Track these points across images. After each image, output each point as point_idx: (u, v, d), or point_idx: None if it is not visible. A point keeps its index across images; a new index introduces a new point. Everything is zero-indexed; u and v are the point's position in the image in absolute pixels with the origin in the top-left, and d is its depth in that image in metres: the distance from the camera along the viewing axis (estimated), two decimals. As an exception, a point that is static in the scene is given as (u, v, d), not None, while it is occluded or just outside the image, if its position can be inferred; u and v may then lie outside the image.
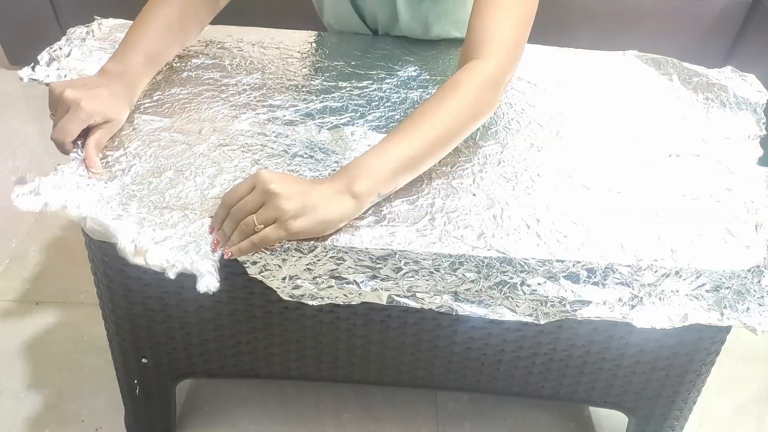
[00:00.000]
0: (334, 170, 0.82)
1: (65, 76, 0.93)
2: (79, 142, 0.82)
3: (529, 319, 0.75)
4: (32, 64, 0.93)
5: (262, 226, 0.69)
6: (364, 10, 1.09)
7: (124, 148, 0.84)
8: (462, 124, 0.78)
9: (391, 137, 0.75)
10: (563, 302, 0.75)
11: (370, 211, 0.76)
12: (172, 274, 0.71)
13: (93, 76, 0.85)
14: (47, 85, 0.91)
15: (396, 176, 0.74)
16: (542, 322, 0.75)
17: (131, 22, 1.08)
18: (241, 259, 0.73)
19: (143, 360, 0.93)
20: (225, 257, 0.71)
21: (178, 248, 0.72)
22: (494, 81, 0.79)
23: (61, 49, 0.97)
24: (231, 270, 0.76)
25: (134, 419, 1.05)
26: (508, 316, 0.75)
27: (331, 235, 0.73)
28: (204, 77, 0.97)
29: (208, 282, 0.70)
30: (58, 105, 0.81)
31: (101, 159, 0.81)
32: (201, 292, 0.70)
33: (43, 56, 0.94)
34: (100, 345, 1.09)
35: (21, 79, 0.91)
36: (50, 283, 1.37)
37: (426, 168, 0.78)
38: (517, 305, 0.75)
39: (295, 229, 0.69)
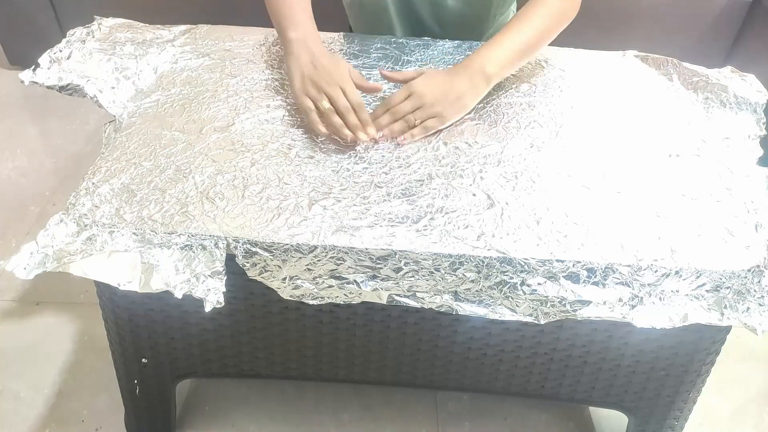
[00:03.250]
0: (335, 170, 0.82)
1: (65, 78, 0.93)
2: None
3: (529, 319, 0.75)
4: (33, 67, 0.93)
5: (420, 121, 0.87)
6: None
7: (125, 147, 0.84)
8: (556, 25, 0.95)
9: (505, 31, 0.92)
10: (563, 302, 0.75)
11: (370, 212, 0.76)
12: (179, 295, 0.71)
13: (297, 53, 0.88)
14: (49, 88, 0.92)
15: (514, 61, 0.93)
16: (542, 322, 0.75)
17: (132, 21, 1.08)
18: (240, 261, 0.73)
19: (143, 360, 0.93)
20: (380, 139, 0.86)
21: (182, 261, 0.72)
22: None
23: (61, 51, 0.97)
24: (231, 270, 0.76)
25: (134, 419, 1.05)
26: (508, 316, 0.75)
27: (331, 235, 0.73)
28: (204, 77, 0.97)
29: (213, 299, 0.71)
30: (321, 99, 0.85)
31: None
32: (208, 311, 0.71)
33: (44, 59, 0.94)
34: (100, 345, 1.09)
35: (22, 81, 0.91)
36: (50, 283, 1.37)
37: (532, 57, 0.98)
38: (517, 305, 0.75)
39: (447, 121, 0.89)
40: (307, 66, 0.87)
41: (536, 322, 0.75)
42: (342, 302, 0.76)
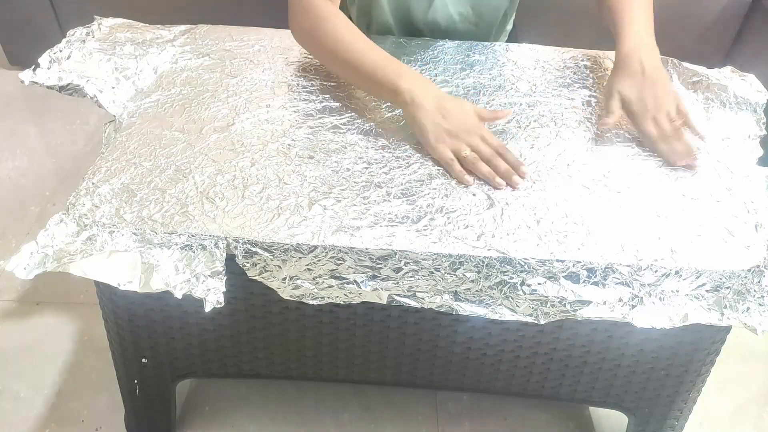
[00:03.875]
0: (335, 170, 0.82)
1: (65, 78, 0.93)
2: None
3: (529, 319, 0.75)
4: (33, 67, 0.93)
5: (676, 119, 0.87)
6: None
7: (125, 147, 0.84)
8: None
9: (621, 16, 0.93)
10: (563, 302, 0.75)
11: (370, 212, 0.76)
12: (178, 295, 0.71)
13: (419, 103, 0.84)
14: (49, 88, 0.92)
15: (651, 26, 0.94)
16: (542, 322, 0.75)
17: (132, 21, 1.08)
18: (240, 261, 0.73)
19: (143, 360, 0.93)
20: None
21: (182, 261, 0.73)
22: None
23: (61, 51, 0.97)
24: (231, 270, 0.76)
25: (134, 419, 1.05)
26: (508, 316, 0.75)
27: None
28: (204, 77, 0.97)
29: (213, 299, 0.71)
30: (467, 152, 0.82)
31: None
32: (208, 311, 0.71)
33: (44, 58, 0.94)
34: (100, 345, 1.09)
35: (22, 81, 0.91)
36: (50, 283, 1.37)
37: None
38: (517, 305, 0.75)
39: (687, 110, 0.89)
40: (435, 115, 0.83)
41: (536, 322, 0.75)
42: (342, 302, 0.76)
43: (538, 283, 0.74)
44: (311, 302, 0.75)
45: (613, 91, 0.89)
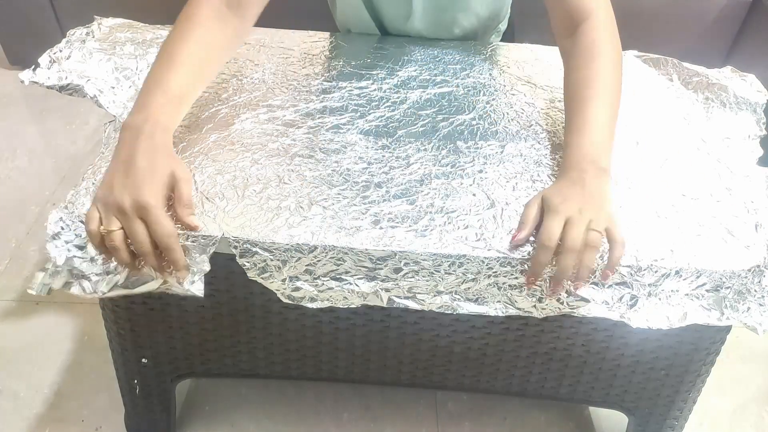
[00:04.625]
0: (335, 170, 0.82)
1: (65, 78, 0.93)
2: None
3: (526, 314, 0.75)
4: (33, 67, 0.93)
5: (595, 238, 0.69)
6: (378, 4, 1.08)
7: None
8: (618, 73, 0.83)
9: (582, 112, 0.78)
10: (563, 302, 0.75)
11: (370, 212, 0.76)
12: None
13: (115, 158, 0.69)
14: (49, 88, 0.91)
15: (611, 139, 0.78)
16: (539, 316, 0.75)
17: (132, 21, 1.08)
18: (240, 261, 0.73)
19: (143, 360, 0.93)
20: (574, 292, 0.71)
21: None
22: (613, 27, 0.84)
23: (61, 51, 0.97)
24: (231, 270, 0.76)
25: (134, 419, 1.05)
26: (505, 311, 0.75)
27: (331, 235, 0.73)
28: (204, 77, 0.97)
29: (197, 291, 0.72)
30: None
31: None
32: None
33: (44, 58, 0.94)
34: (100, 345, 1.09)
35: (22, 81, 0.91)
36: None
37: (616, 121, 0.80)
38: (516, 303, 0.75)
39: (620, 238, 0.70)
40: (125, 164, 0.67)
41: (536, 316, 0.76)
42: (342, 306, 0.75)
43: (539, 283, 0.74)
44: (311, 305, 0.75)
45: (538, 195, 0.74)
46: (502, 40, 1.21)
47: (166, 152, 0.70)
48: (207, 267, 0.74)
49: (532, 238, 0.72)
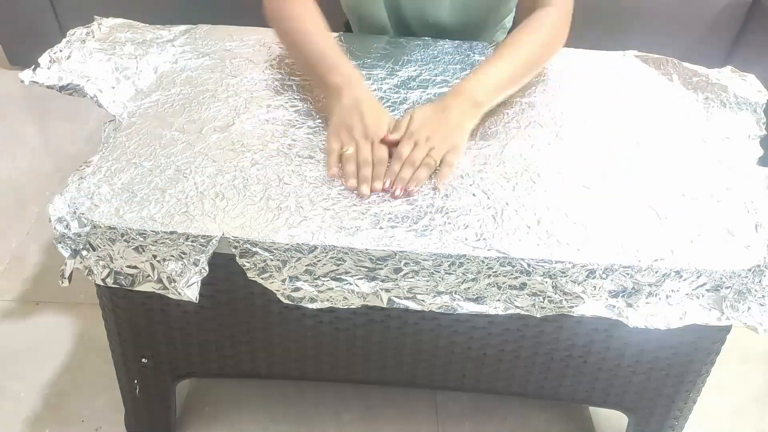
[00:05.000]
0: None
1: (65, 78, 0.93)
2: None
3: (526, 313, 0.75)
4: (33, 67, 0.93)
5: (431, 157, 0.82)
6: None
7: (125, 147, 0.84)
8: (542, 56, 0.97)
9: (492, 60, 0.92)
10: (563, 302, 0.75)
11: (370, 212, 0.76)
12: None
13: (338, 98, 0.86)
14: (49, 88, 0.92)
15: (501, 90, 0.91)
16: (538, 316, 0.75)
17: (132, 21, 1.08)
18: (240, 261, 0.73)
19: (143, 360, 0.93)
20: (399, 194, 0.79)
21: (180, 261, 0.73)
22: (565, 22, 0.98)
23: (61, 51, 0.97)
24: (231, 270, 0.76)
25: (134, 419, 1.05)
26: (504, 310, 0.75)
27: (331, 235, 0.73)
28: (204, 77, 0.97)
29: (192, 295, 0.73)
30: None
31: None
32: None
33: (44, 58, 0.94)
34: (100, 345, 1.09)
35: (22, 81, 0.91)
36: (50, 283, 1.37)
37: (517, 88, 0.94)
38: (516, 303, 0.75)
39: (458, 150, 0.84)
40: (347, 111, 0.85)
41: (535, 316, 0.76)
42: (342, 306, 0.75)
43: (539, 283, 0.74)
44: (311, 306, 0.75)
45: (411, 111, 0.87)
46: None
47: (372, 98, 0.89)
48: (205, 271, 0.74)
49: None
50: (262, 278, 0.75)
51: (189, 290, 0.74)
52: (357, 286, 0.74)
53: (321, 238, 0.73)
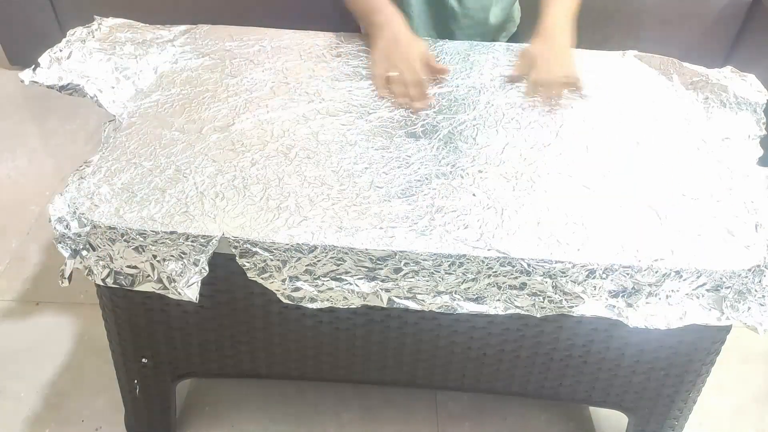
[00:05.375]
0: (335, 170, 0.82)
1: (65, 77, 0.93)
2: None
3: (526, 313, 0.75)
4: (33, 67, 0.93)
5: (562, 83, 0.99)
6: None
7: (125, 147, 0.84)
8: None
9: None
10: (563, 302, 0.75)
11: (370, 212, 0.76)
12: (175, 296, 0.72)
13: (381, 32, 1.00)
14: (49, 87, 0.92)
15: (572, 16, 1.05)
16: (538, 316, 0.75)
17: (132, 21, 1.08)
18: (240, 261, 0.73)
19: (143, 360, 0.93)
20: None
21: (180, 261, 0.73)
22: None
23: (61, 50, 0.97)
24: (231, 270, 0.76)
25: (134, 419, 1.05)
26: (504, 310, 0.75)
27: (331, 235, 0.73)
28: (204, 77, 0.97)
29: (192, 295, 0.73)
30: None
31: None
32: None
33: (44, 58, 0.94)
34: (100, 345, 1.09)
35: (22, 81, 0.91)
36: (50, 283, 1.37)
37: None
38: (516, 303, 0.75)
39: (579, 82, 0.99)
40: (389, 42, 0.98)
41: (534, 315, 0.76)
42: (342, 306, 0.75)
43: (539, 283, 0.74)
44: (310, 305, 0.75)
45: (526, 52, 1.02)
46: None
47: (410, 34, 1.00)
48: (205, 271, 0.74)
49: None
50: (262, 278, 0.75)
51: (189, 290, 0.74)
52: (357, 286, 0.74)
53: (321, 238, 0.73)
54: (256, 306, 0.86)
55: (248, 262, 0.74)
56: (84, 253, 0.76)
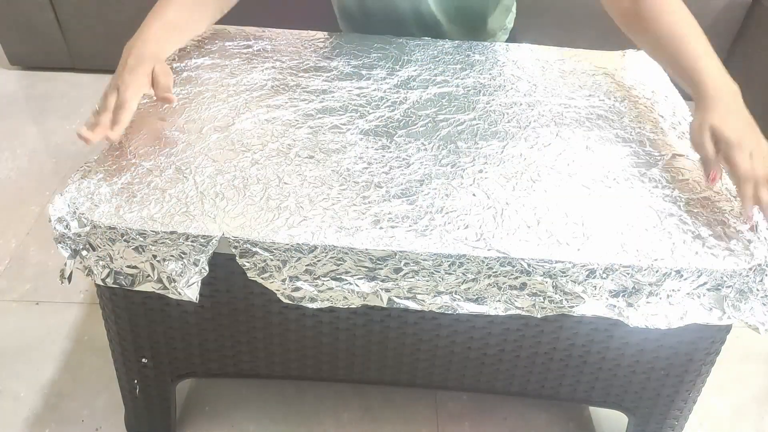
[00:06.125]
0: (335, 170, 0.82)
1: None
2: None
3: (526, 314, 0.75)
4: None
5: None
6: None
7: (125, 147, 0.84)
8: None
9: (696, 43, 0.86)
10: (563, 302, 0.75)
11: (370, 212, 0.76)
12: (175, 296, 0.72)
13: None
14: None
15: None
16: (539, 316, 0.75)
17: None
18: (240, 261, 0.73)
19: (143, 360, 0.93)
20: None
21: (180, 261, 0.73)
22: None
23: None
24: (231, 270, 0.76)
25: (134, 419, 1.05)
26: (504, 311, 0.75)
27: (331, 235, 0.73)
28: (204, 77, 0.97)
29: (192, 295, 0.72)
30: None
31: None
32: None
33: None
34: (100, 345, 1.10)
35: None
36: (50, 283, 1.37)
37: None
38: (516, 303, 0.75)
39: None
40: (119, 67, 0.86)
41: (535, 316, 0.76)
42: (342, 306, 0.75)
43: (539, 283, 0.74)
44: (310, 305, 0.75)
45: (703, 126, 0.80)
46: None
47: (152, 58, 0.86)
48: (205, 271, 0.74)
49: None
50: (262, 278, 0.75)
51: (189, 290, 0.74)
52: (357, 286, 0.74)
53: (321, 238, 0.73)
54: (256, 306, 0.86)
55: (248, 262, 0.74)
56: (84, 253, 0.76)
